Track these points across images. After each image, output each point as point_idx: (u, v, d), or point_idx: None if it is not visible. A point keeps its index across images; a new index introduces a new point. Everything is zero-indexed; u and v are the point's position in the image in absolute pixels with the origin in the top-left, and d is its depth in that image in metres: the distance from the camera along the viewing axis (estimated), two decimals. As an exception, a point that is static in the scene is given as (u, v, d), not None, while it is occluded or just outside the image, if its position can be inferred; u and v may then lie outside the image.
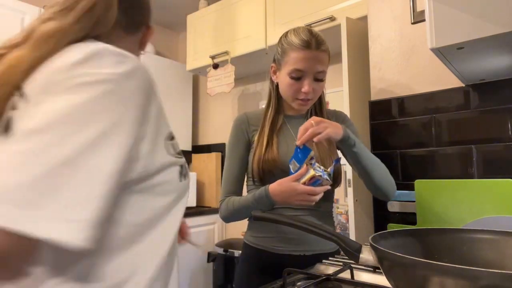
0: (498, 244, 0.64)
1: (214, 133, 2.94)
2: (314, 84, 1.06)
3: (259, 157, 1.09)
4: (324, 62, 1.06)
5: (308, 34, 1.05)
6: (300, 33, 1.06)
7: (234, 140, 1.18)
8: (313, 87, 1.06)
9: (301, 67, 1.04)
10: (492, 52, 0.89)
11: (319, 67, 1.05)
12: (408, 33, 1.38)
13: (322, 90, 1.12)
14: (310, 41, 1.03)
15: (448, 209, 1.13)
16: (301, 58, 1.04)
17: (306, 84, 1.05)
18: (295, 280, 0.84)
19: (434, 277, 0.47)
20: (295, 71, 1.05)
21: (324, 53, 1.06)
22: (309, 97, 1.08)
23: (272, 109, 1.16)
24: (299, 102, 1.09)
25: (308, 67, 1.04)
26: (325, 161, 1.07)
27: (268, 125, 1.13)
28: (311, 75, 1.05)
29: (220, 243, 2.25)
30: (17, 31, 0.67)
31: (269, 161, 1.07)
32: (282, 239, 1.09)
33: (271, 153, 1.08)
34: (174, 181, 0.64)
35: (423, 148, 1.31)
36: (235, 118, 1.20)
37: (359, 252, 0.64)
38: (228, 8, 2.35)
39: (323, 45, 1.06)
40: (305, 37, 1.04)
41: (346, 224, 1.97)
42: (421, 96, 1.33)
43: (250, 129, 1.17)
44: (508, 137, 1.15)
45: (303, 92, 1.06)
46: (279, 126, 1.15)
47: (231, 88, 2.30)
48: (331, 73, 2.18)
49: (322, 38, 1.07)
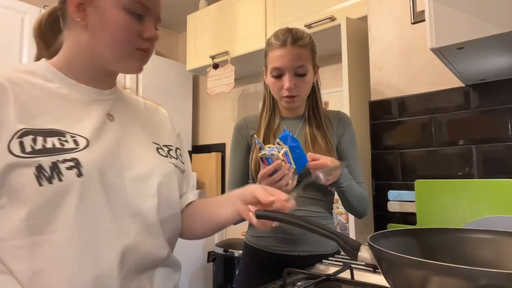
0: (498, 244, 0.64)
1: (214, 133, 2.94)
2: (295, 80, 1.07)
3: (256, 159, 1.11)
4: (302, 56, 1.06)
5: (284, 32, 1.08)
6: (278, 33, 1.09)
7: (235, 145, 1.21)
8: (295, 83, 1.07)
9: (278, 65, 1.06)
10: (492, 52, 0.89)
11: (297, 62, 1.05)
12: (408, 33, 1.38)
13: (307, 85, 1.11)
14: (286, 39, 1.06)
15: (448, 209, 1.13)
16: (277, 56, 1.06)
17: (286, 80, 1.06)
18: (295, 280, 0.84)
19: (433, 277, 0.47)
20: (274, 69, 1.07)
21: (302, 48, 1.06)
22: (293, 93, 1.08)
23: (267, 111, 1.18)
24: (285, 99, 1.10)
25: (285, 63, 1.05)
26: None
27: (264, 127, 1.15)
28: (290, 71, 1.06)
29: (220, 243, 2.25)
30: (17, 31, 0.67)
31: None
32: (279, 239, 1.10)
33: None
34: (27, 187, 0.56)
35: (423, 148, 1.31)
36: (235, 123, 1.23)
37: (357, 250, 0.63)
38: (228, 8, 2.35)
39: (300, 40, 1.07)
40: (281, 36, 1.07)
41: (346, 224, 1.97)
42: (421, 96, 1.33)
43: (249, 132, 1.19)
44: (508, 137, 1.15)
45: (285, 89, 1.07)
46: (276, 128, 1.15)
47: (231, 88, 2.30)
48: (331, 73, 2.19)
49: (301, 35, 1.08)
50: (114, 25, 0.66)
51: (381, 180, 1.39)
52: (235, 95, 2.78)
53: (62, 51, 0.71)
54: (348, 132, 1.16)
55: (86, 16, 0.67)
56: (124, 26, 0.67)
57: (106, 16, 0.66)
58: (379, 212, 1.39)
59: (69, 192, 0.59)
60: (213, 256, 2.21)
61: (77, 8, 0.66)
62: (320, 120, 1.14)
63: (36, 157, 0.57)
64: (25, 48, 2.06)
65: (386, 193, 1.34)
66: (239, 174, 1.18)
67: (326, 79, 2.21)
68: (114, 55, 0.68)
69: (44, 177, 0.57)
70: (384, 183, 1.38)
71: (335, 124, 1.16)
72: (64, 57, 0.70)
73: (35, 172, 0.57)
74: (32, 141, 0.58)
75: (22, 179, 0.56)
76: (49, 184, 0.57)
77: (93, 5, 0.66)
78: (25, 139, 0.58)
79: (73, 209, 0.59)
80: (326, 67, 2.21)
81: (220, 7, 2.41)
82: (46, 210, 0.58)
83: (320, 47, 2.05)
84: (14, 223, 0.57)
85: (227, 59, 2.29)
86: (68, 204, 0.59)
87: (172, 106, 2.77)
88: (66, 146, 0.61)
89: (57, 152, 0.59)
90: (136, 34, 0.68)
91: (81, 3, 0.66)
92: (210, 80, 2.42)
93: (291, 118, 1.18)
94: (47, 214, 0.58)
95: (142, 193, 0.69)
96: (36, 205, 0.57)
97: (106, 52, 0.68)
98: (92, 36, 0.67)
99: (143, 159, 0.72)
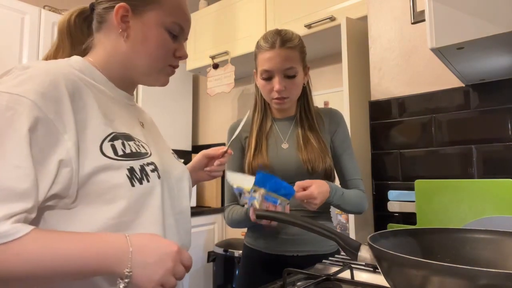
0: (498, 244, 0.64)
1: (214, 133, 2.94)
2: (285, 82, 1.07)
3: (249, 162, 1.12)
4: (291, 58, 1.06)
5: (273, 34, 1.08)
6: (267, 35, 1.10)
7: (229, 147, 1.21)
8: (285, 85, 1.07)
9: (267, 67, 1.06)
10: (492, 52, 0.89)
11: (286, 64, 1.06)
12: (408, 33, 1.38)
13: (298, 87, 1.11)
14: (274, 41, 1.06)
15: (448, 209, 1.13)
16: (266, 59, 1.07)
17: (276, 82, 1.06)
18: (295, 280, 0.84)
19: (433, 277, 0.47)
20: (264, 72, 1.08)
21: (291, 50, 1.07)
22: (284, 95, 1.08)
23: (258, 113, 1.18)
24: (275, 101, 1.10)
25: (274, 66, 1.06)
26: (314, 162, 1.07)
27: (256, 129, 1.15)
28: (280, 73, 1.06)
29: (220, 243, 2.25)
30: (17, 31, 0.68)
31: (258, 165, 1.10)
32: (276, 239, 1.10)
33: (261, 157, 1.11)
34: (120, 187, 0.60)
35: (423, 148, 1.31)
36: (229, 126, 1.23)
37: (357, 250, 0.64)
38: (228, 8, 2.35)
39: (289, 42, 1.07)
40: (270, 38, 1.08)
41: (346, 224, 1.97)
42: (421, 96, 1.33)
43: (242, 135, 1.19)
44: (508, 137, 1.15)
45: (275, 91, 1.07)
46: (268, 130, 1.16)
47: (231, 88, 2.30)
48: (331, 73, 2.19)
49: (289, 36, 1.08)
50: (154, 42, 0.70)
51: (381, 180, 1.39)
52: (235, 95, 2.78)
53: (97, 53, 0.73)
54: (340, 128, 1.16)
55: (129, 28, 0.70)
56: (163, 44, 0.72)
57: (148, 32, 0.70)
58: (379, 212, 1.39)
59: (154, 192, 0.66)
60: (213, 256, 2.21)
61: (121, 19, 0.69)
62: (312, 121, 1.14)
63: (128, 160, 0.63)
64: (25, 48, 2.06)
65: (386, 193, 1.34)
66: None
67: (326, 79, 2.21)
68: (149, 68, 0.73)
69: (136, 179, 0.63)
70: (384, 183, 1.38)
71: (327, 122, 1.16)
72: (101, 60, 0.72)
73: (127, 174, 0.62)
74: (121, 145, 0.64)
75: (116, 180, 0.61)
76: (140, 185, 0.63)
77: (138, 20, 0.70)
78: (116, 143, 0.63)
79: (156, 207, 0.66)
80: (326, 67, 2.21)
81: (220, 7, 2.41)
82: (135, 208, 0.63)
83: (320, 47, 2.07)
84: (102, 220, 0.60)
85: (227, 59, 2.29)
86: (152, 202, 0.66)
87: (172, 106, 2.77)
88: (141, 151, 0.68)
89: (141, 156, 0.66)
90: (171, 52, 0.74)
91: (126, 15, 0.69)
92: (210, 80, 2.42)
93: (283, 120, 1.18)
94: (136, 211, 0.63)
95: (181, 193, 0.78)
96: (128, 204, 0.62)
97: (142, 64, 0.72)
98: (131, 47, 0.70)
99: (173, 163, 0.80)
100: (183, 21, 0.74)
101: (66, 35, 0.75)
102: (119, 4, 0.68)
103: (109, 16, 0.70)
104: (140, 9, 0.70)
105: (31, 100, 0.55)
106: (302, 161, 1.08)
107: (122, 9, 0.68)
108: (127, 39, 0.70)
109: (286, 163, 1.10)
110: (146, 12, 0.70)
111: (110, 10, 0.70)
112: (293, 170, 1.08)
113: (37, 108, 0.55)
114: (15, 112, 0.53)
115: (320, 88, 2.20)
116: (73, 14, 0.76)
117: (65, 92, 0.59)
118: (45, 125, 0.55)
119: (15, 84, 0.56)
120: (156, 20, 0.70)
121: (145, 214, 0.64)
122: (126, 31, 0.70)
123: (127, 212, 0.62)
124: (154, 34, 0.70)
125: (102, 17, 0.72)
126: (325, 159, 1.08)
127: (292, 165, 1.09)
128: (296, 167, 1.08)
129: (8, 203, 0.51)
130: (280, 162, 1.10)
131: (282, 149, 1.13)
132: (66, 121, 0.58)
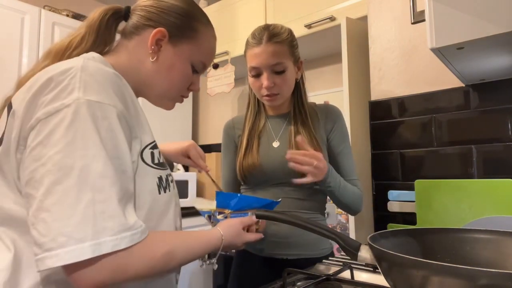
0: (498, 244, 0.64)
1: (214, 133, 2.93)
2: (274, 78, 1.04)
3: (240, 161, 1.10)
4: (279, 53, 1.02)
5: (261, 30, 1.05)
6: (255, 31, 1.06)
7: (224, 147, 1.21)
8: (274, 81, 1.04)
9: (255, 64, 1.03)
10: (492, 52, 0.89)
11: (274, 60, 1.02)
12: (408, 33, 1.38)
13: (288, 83, 1.06)
14: (261, 37, 1.03)
15: (448, 209, 1.13)
16: (253, 55, 1.04)
17: (264, 79, 1.03)
18: (295, 280, 0.84)
19: (433, 277, 0.47)
20: (252, 69, 1.05)
21: (279, 44, 1.03)
22: (274, 92, 1.05)
23: (251, 111, 1.16)
24: (266, 98, 1.07)
25: (261, 62, 1.02)
26: None
27: (248, 127, 1.13)
28: (268, 70, 1.03)
29: (220, 243, 2.25)
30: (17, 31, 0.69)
31: (248, 165, 1.08)
32: (267, 241, 1.07)
33: (251, 156, 1.08)
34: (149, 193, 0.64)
35: (423, 148, 1.31)
36: (224, 124, 1.22)
37: (357, 250, 0.64)
38: (228, 8, 2.35)
39: (276, 36, 1.03)
40: (257, 34, 1.04)
41: (346, 224, 1.97)
42: (421, 96, 1.33)
43: (236, 133, 1.18)
44: (508, 137, 1.15)
45: (264, 88, 1.04)
46: (261, 128, 1.14)
47: (231, 88, 2.30)
48: (331, 73, 2.19)
49: (277, 31, 1.04)
50: (178, 72, 0.74)
51: (381, 180, 1.39)
52: (235, 95, 2.78)
53: (119, 58, 0.72)
54: (337, 127, 1.11)
55: (160, 51, 0.72)
56: (185, 77, 0.75)
57: (176, 62, 0.73)
58: (379, 212, 1.39)
59: (172, 200, 0.70)
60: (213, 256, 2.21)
61: (156, 42, 0.71)
62: (306, 117, 1.10)
63: (160, 169, 0.67)
64: (25, 48, 2.06)
65: (386, 193, 1.34)
66: (230, 175, 1.18)
67: (326, 79, 2.21)
68: (164, 93, 0.76)
69: (162, 187, 0.67)
70: (384, 183, 1.38)
71: (323, 119, 1.12)
72: (121, 65, 0.71)
73: (157, 182, 0.66)
74: (158, 154, 0.68)
75: (147, 186, 0.64)
76: (164, 193, 0.67)
77: (171, 48, 0.72)
78: (155, 151, 0.67)
79: (173, 213, 0.70)
80: (326, 67, 2.21)
81: (220, 7, 2.41)
82: (158, 214, 0.66)
83: (320, 47, 2.07)
84: None
85: (227, 59, 2.29)
86: (171, 209, 0.70)
87: (172, 106, 2.77)
88: (163, 161, 0.71)
89: (165, 167, 0.70)
90: (187, 84, 0.77)
91: (162, 39, 0.71)
92: (210, 80, 2.42)
93: (276, 117, 1.15)
94: (158, 217, 0.66)
95: None
96: (152, 210, 0.65)
97: (160, 87, 0.74)
98: (156, 69, 0.72)
99: None
100: (209, 62, 0.78)
101: (94, 32, 0.73)
102: (159, 28, 0.70)
103: (145, 32, 0.71)
104: (177, 39, 0.72)
105: (119, 110, 0.58)
106: None
107: (161, 33, 0.70)
108: (155, 61, 0.71)
109: (276, 162, 1.07)
110: (181, 43, 0.72)
111: (148, 28, 0.71)
112: (282, 169, 1.04)
113: (122, 115, 0.59)
114: (110, 121, 0.56)
115: (320, 88, 2.20)
116: (108, 13, 0.74)
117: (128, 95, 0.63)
118: (128, 131, 0.61)
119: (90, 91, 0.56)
120: (187, 54, 0.73)
121: (164, 221, 0.68)
122: (156, 54, 0.71)
123: (151, 217, 0.64)
124: (181, 66, 0.73)
125: (138, 29, 0.72)
126: None
127: (282, 164, 1.04)
128: (285, 166, 1.02)
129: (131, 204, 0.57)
130: (270, 161, 1.07)
131: (273, 147, 1.10)
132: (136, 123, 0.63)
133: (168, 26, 0.71)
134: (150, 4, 0.73)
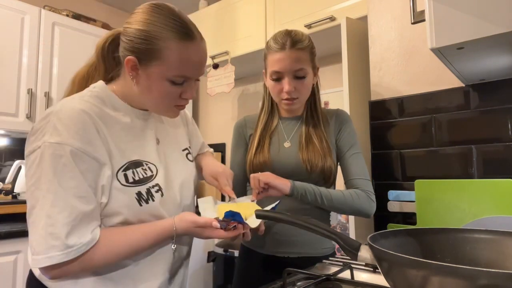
0: (498, 244, 0.64)
1: (214, 133, 2.94)
2: (295, 83, 1.06)
3: (250, 159, 1.12)
4: (301, 59, 1.06)
5: (283, 36, 1.07)
6: (277, 36, 1.09)
7: (234, 144, 1.23)
8: (295, 86, 1.06)
9: (277, 69, 1.06)
10: (492, 52, 0.89)
11: (297, 66, 1.05)
12: (408, 33, 1.38)
13: (307, 88, 1.10)
14: (284, 42, 1.06)
15: (448, 209, 1.13)
16: (276, 60, 1.06)
17: (285, 83, 1.06)
18: (295, 280, 0.84)
19: (433, 277, 0.47)
20: (274, 73, 1.07)
21: (302, 51, 1.06)
22: (293, 96, 1.08)
23: (265, 111, 1.18)
24: (285, 102, 1.10)
25: (284, 67, 1.05)
26: (313, 161, 1.06)
27: (261, 127, 1.15)
28: (290, 75, 1.06)
29: (220, 243, 2.25)
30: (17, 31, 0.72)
31: (259, 162, 1.10)
32: (270, 239, 1.10)
33: (262, 155, 1.11)
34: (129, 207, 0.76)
35: (423, 148, 1.31)
36: (236, 123, 1.24)
37: (357, 250, 0.63)
38: (228, 8, 2.35)
39: (300, 43, 1.06)
40: (280, 39, 1.07)
41: (346, 224, 1.97)
42: (421, 96, 1.33)
43: (247, 132, 1.20)
44: (508, 137, 1.15)
45: (284, 92, 1.07)
46: (273, 129, 1.16)
47: (231, 88, 2.30)
48: (331, 73, 2.19)
49: (300, 37, 1.07)
50: (157, 92, 0.78)
51: (381, 180, 1.40)
52: (235, 95, 2.78)
53: (120, 84, 0.83)
54: (345, 129, 1.14)
55: (138, 76, 0.78)
56: (166, 94, 0.79)
57: (152, 84, 0.78)
58: (379, 212, 1.38)
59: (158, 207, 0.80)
60: (213, 256, 2.21)
61: (131, 68, 0.77)
62: (318, 120, 1.13)
63: (136, 186, 0.77)
64: (25, 48, 2.06)
65: (386, 193, 1.34)
66: (240, 173, 1.18)
67: (326, 79, 2.21)
68: (155, 109, 0.84)
69: (143, 199, 0.77)
70: (384, 183, 1.38)
71: (332, 123, 1.15)
72: (121, 90, 0.82)
73: (136, 197, 0.77)
74: (132, 173, 0.78)
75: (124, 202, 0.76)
76: (146, 204, 0.78)
77: (144, 72, 0.77)
78: (128, 172, 0.77)
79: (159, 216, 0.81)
80: (326, 67, 2.21)
81: (220, 7, 2.41)
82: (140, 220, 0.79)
83: (320, 47, 2.05)
84: None
85: (227, 59, 2.29)
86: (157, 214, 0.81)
87: (172, 106, 2.77)
88: (148, 174, 0.80)
89: (147, 181, 0.79)
90: (176, 96, 0.80)
91: (135, 65, 0.77)
92: (210, 80, 2.42)
93: (290, 119, 1.18)
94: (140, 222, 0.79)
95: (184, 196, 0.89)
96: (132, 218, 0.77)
97: (149, 105, 0.83)
98: (140, 91, 0.80)
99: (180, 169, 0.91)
100: (188, 71, 0.78)
101: (101, 60, 0.83)
102: (128, 57, 0.76)
103: (125, 60, 0.77)
104: (145, 63, 0.76)
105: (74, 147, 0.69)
106: (302, 160, 1.07)
107: (131, 61, 0.76)
108: (137, 85, 0.79)
109: (286, 161, 1.10)
110: (150, 66, 0.76)
111: (126, 56, 0.76)
112: (292, 168, 1.08)
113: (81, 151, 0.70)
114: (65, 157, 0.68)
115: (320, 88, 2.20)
116: (107, 41, 0.82)
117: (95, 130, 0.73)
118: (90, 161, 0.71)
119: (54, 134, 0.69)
120: (158, 74, 0.76)
121: None
122: (135, 78, 0.78)
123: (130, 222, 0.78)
124: (157, 86, 0.77)
125: (122, 57, 0.78)
126: (325, 159, 1.07)
127: (292, 163, 1.09)
128: (295, 166, 1.08)
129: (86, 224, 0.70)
130: (280, 160, 1.10)
131: (284, 147, 1.12)
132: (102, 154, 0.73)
133: (136, 53, 0.75)
134: (124, 33, 0.78)
